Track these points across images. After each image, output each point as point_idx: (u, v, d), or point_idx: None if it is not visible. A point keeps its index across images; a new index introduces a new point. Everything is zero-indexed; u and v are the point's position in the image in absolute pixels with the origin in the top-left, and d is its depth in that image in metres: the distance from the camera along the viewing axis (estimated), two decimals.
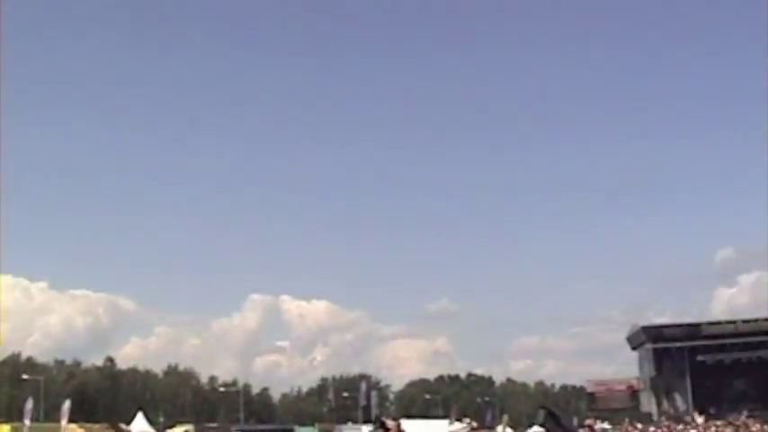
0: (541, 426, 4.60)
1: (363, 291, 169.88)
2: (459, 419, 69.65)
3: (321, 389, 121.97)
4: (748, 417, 53.67)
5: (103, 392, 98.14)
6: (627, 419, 58.65)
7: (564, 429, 4.41)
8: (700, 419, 31.29)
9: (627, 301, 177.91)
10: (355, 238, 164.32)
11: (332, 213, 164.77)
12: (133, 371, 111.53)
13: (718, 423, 39.15)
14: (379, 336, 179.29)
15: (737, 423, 40.01)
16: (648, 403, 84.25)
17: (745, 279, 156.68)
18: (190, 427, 55.64)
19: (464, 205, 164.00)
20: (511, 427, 44.49)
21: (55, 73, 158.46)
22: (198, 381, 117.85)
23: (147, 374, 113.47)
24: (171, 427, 58.54)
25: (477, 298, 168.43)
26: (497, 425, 51.49)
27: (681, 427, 42.83)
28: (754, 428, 29.10)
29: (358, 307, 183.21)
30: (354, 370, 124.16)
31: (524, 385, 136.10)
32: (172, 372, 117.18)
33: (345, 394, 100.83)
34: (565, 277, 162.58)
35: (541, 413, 4.51)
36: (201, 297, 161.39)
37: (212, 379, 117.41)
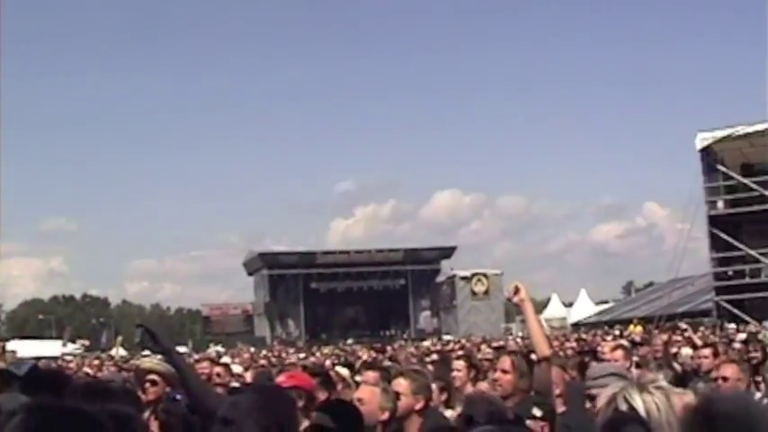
0: (140, 345, 4.61)
1: None
2: (72, 340, 68.58)
3: None
4: (356, 342, 55.87)
5: None
6: (239, 343, 59.60)
7: (162, 347, 4.43)
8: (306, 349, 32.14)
9: (246, 227, 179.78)
10: None
11: None
12: None
13: (326, 349, 40.87)
14: None
15: (346, 348, 41.66)
16: (262, 328, 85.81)
17: (362, 211, 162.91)
18: None
19: (84, 122, 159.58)
20: (125, 348, 44.18)
21: None
22: None
23: None
24: None
25: (96, 217, 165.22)
26: (112, 346, 50.99)
27: (292, 350, 44.01)
28: (361, 353, 30.27)
29: None
30: None
31: (140, 307, 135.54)
32: None
33: None
34: (184, 199, 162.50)
35: (139, 331, 4.50)
36: None
37: None
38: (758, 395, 8.23)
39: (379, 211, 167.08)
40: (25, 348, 46.89)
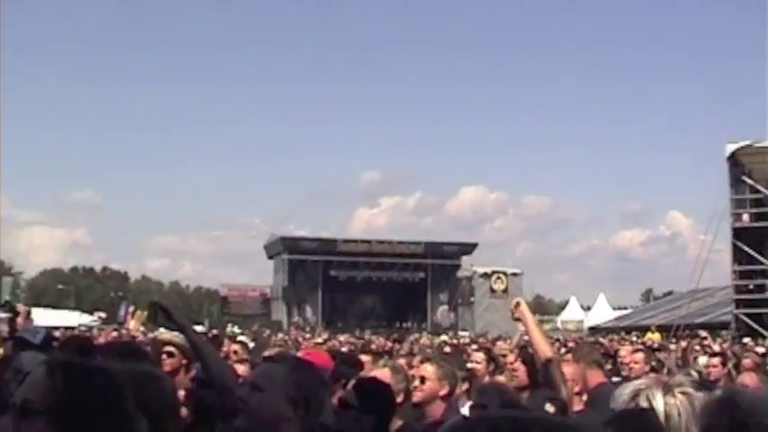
0: (155, 322, 4.61)
1: (4, 173, 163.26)
2: (90, 312, 68.79)
3: None
4: (373, 333, 55.89)
5: None
6: (257, 325, 59.54)
7: (176, 324, 4.43)
8: (324, 335, 32.94)
9: (270, 211, 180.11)
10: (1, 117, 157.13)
11: None
12: None
13: (342, 336, 40.88)
14: (16, 221, 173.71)
15: (362, 337, 41.76)
16: (279, 312, 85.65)
17: (387, 202, 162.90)
18: None
19: (115, 94, 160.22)
20: (143, 324, 44.19)
21: None
22: None
23: None
24: None
25: (121, 191, 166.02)
26: (130, 320, 51.14)
27: (308, 335, 44.08)
28: (375, 342, 30.37)
29: None
30: None
31: (159, 284, 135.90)
32: None
33: None
34: (212, 180, 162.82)
35: (153, 307, 4.50)
36: None
37: None
38: None
39: (403, 202, 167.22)
40: (43, 317, 46.92)
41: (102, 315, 68.05)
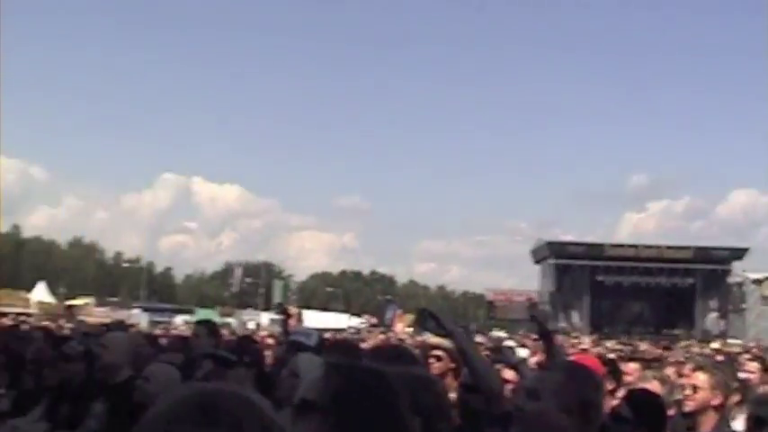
0: (422, 327, 4.67)
1: (277, 179, 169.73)
2: (357, 315, 70.35)
3: (225, 273, 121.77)
4: (640, 339, 54.83)
5: (4, 259, 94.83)
6: (523, 330, 59.28)
7: (445, 330, 4.48)
8: (587, 339, 32.76)
9: (536, 215, 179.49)
10: (275, 125, 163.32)
11: (251, 98, 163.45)
12: (37, 240, 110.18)
13: (609, 343, 40.16)
14: (287, 226, 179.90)
15: (630, 343, 41.01)
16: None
17: (655, 206, 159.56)
18: (90, 300, 55.09)
19: (385, 103, 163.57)
20: (410, 327, 44.80)
21: None
22: (102, 254, 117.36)
23: (51, 245, 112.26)
24: (71, 298, 57.84)
25: (389, 197, 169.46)
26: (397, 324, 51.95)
27: (576, 341, 43.59)
28: (643, 349, 29.85)
29: (270, 195, 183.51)
30: (260, 257, 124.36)
31: (426, 288, 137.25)
32: (76, 244, 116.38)
33: (248, 280, 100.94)
34: (478, 185, 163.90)
35: (421, 313, 4.55)
36: (113, 170, 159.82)
37: (117, 254, 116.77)
38: None
39: (672, 206, 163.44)
40: (313, 319, 48.21)
41: (374, 320, 69.40)
